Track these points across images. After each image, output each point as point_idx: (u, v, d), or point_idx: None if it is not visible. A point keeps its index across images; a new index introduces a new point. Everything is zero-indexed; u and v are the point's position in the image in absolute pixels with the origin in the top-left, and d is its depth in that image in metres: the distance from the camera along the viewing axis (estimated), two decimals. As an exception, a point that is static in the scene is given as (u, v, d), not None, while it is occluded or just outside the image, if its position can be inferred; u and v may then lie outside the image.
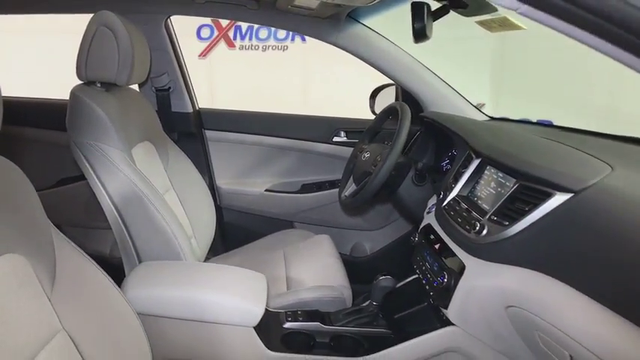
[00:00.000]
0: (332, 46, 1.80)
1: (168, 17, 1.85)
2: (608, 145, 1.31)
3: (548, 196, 0.95)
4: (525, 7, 0.50)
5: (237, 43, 4.39)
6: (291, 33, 4.17)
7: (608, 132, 1.44)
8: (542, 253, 0.95)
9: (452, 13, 1.18)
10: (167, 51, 1.87)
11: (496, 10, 1.04)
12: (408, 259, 1.49)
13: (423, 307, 1.38)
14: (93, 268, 0.97)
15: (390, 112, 1.66)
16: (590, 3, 0.46)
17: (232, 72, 4.41)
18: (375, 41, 1.77)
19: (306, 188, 2.11)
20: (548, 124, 1.84)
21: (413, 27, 1.13)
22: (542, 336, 0.93)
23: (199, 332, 1.18)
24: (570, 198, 0.92)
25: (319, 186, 2.09)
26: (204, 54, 4.33)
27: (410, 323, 1.34)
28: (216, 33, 4.34)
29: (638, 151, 1.26)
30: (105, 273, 0.99)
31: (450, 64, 2.05)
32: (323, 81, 4.32)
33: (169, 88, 1.92)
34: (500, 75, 3.68)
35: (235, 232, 2.14)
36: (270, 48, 4.34)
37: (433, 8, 1.16)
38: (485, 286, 1.06)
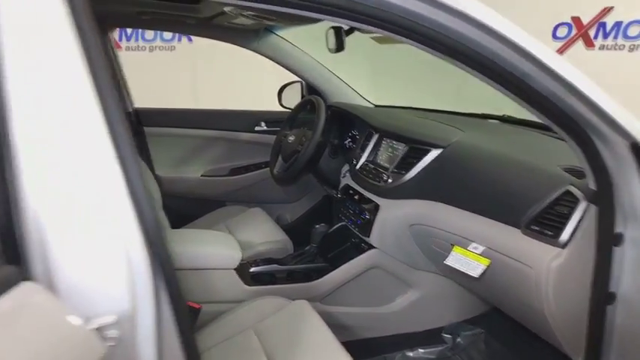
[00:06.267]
0: (218, 47, 2.18)
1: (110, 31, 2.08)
2: (460, 119, 1.93)
3: (427, 152, 1.51)
4: (374, 29, 0.75)
5: (123, 44, 4.35)
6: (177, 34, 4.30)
7: (462, 111, 2.09)
8: (426, 188, 1.50)
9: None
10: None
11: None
12: (321, 221, 1.99)
13: (347, 246, 1.89)
14: None
15: (307, 104, 2.12)
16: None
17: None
18: (287, 48, 2.19)
19: (234, 171, 2.46)
20: (422, 109, 2.45)
21: (335, 42, 1.60)
22: (433, 239, 1.47)
23: (193, 278, 1.53)
24: (441, 152, 1.48)
25: (246, 169, 2.46)
26: (89, 55, 4.27)
27: (340, 258, 1.82)
28: (101, 34, 4.32)
29: (476, 121, 1.91)
30: None
31: (339, 63, 2.52)
32: (212, 79, 4.49)
33: None
34: (379, 69, 4.24)
35: (173, 215, 2.41)
36: (158, 48, 4.36)
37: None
38: (394, 216, 1.59)
